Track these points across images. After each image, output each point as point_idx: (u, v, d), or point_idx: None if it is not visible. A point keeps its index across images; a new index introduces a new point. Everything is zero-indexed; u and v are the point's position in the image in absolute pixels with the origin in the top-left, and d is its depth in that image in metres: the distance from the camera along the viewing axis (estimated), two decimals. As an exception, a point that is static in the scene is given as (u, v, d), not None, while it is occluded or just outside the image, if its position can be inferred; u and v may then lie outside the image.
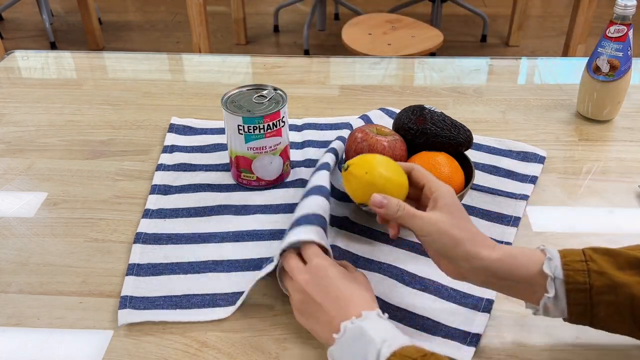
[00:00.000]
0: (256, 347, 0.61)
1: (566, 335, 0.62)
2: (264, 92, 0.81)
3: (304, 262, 0.60)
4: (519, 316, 0.64)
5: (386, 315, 0.54)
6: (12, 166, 0.89)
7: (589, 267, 0.53)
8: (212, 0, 3.40)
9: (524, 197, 0.80)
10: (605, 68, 0.92)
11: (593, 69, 0.94)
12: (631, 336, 0.55)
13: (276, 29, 3.23)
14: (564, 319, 0.55)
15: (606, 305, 0.52)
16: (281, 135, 0.80)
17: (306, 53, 2.93)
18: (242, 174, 0.82)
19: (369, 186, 0.59)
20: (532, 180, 0.83)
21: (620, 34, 0.90)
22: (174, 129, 0.96)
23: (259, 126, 0.77)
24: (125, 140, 0.95)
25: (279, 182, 0.84)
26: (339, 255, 0.72)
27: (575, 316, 0.54)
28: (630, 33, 0.90)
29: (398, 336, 0.52)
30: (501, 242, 0.73)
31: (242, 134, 0.77)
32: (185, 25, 2.77)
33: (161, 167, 0.87)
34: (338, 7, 3.34)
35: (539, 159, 0.88)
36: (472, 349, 0.60)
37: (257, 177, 0.82)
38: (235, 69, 1.17)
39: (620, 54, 0.91)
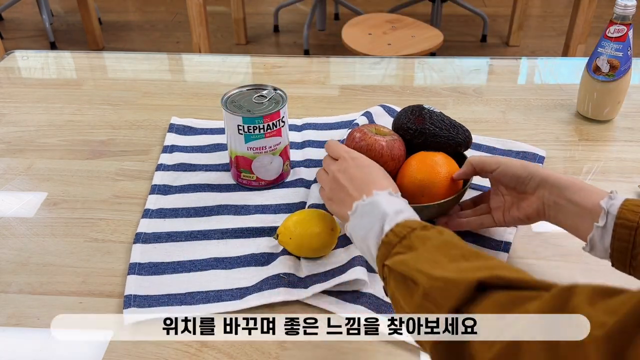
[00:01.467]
0: (256, 347, 0.61)
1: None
2: (264, 92, 0.81)
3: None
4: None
5: (398, 193, 0.59)
6: (12, 166, 0.89)
7: None
8: (212, 0, 3.39)
9: (524, 197, 0.80)
10: (605, 68, 0.92)
11: (593, 69, 0.94)
12: None
13: (276, 29, 3.23)
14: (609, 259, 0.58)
15: None
16: (281, 135, 0.80)
17: (306, 53, 2.93)
18: (242, 174, 0.82)
19: (297, 247, 0.70)
20: (532, 180, 0.83)
21: (620, 34, 0.90)
22: (174, 129, 0.96)
23: (259, 126, 0.77)
24: (125, 140, 0.95)
25: (278, 182, 0.84)
26: None
27: (616, 253, 0.57)
28: (630, 33, 0.90)
29: (406, 210, 0.55)
30: (501, 242, 0.73)
31: (242, 134, 0.77)
32: (185, 25, 2.77)
33: (161, 167, 0.87)
34: (338, 7, 3.33)
35: (539, 159, 0.87)
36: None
37: (257, 177, 0.82)
38: (235, 69, 1.17)
39: (620, 54, 0.91)
